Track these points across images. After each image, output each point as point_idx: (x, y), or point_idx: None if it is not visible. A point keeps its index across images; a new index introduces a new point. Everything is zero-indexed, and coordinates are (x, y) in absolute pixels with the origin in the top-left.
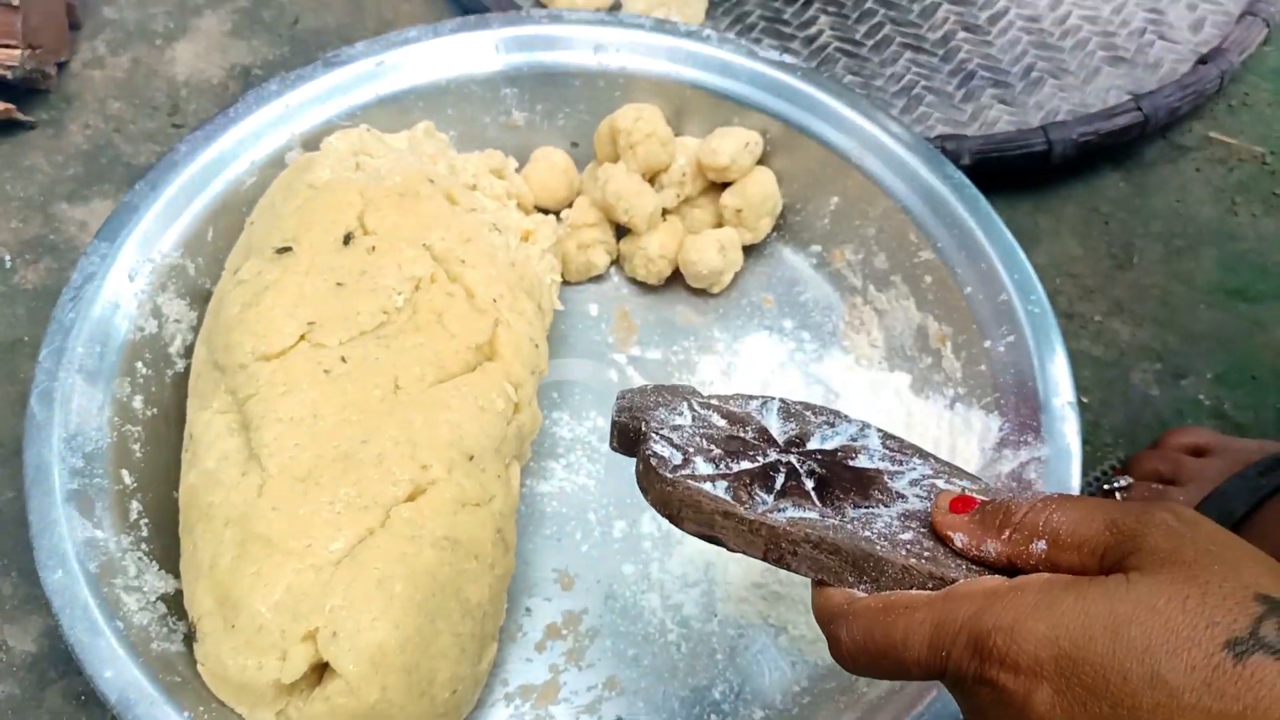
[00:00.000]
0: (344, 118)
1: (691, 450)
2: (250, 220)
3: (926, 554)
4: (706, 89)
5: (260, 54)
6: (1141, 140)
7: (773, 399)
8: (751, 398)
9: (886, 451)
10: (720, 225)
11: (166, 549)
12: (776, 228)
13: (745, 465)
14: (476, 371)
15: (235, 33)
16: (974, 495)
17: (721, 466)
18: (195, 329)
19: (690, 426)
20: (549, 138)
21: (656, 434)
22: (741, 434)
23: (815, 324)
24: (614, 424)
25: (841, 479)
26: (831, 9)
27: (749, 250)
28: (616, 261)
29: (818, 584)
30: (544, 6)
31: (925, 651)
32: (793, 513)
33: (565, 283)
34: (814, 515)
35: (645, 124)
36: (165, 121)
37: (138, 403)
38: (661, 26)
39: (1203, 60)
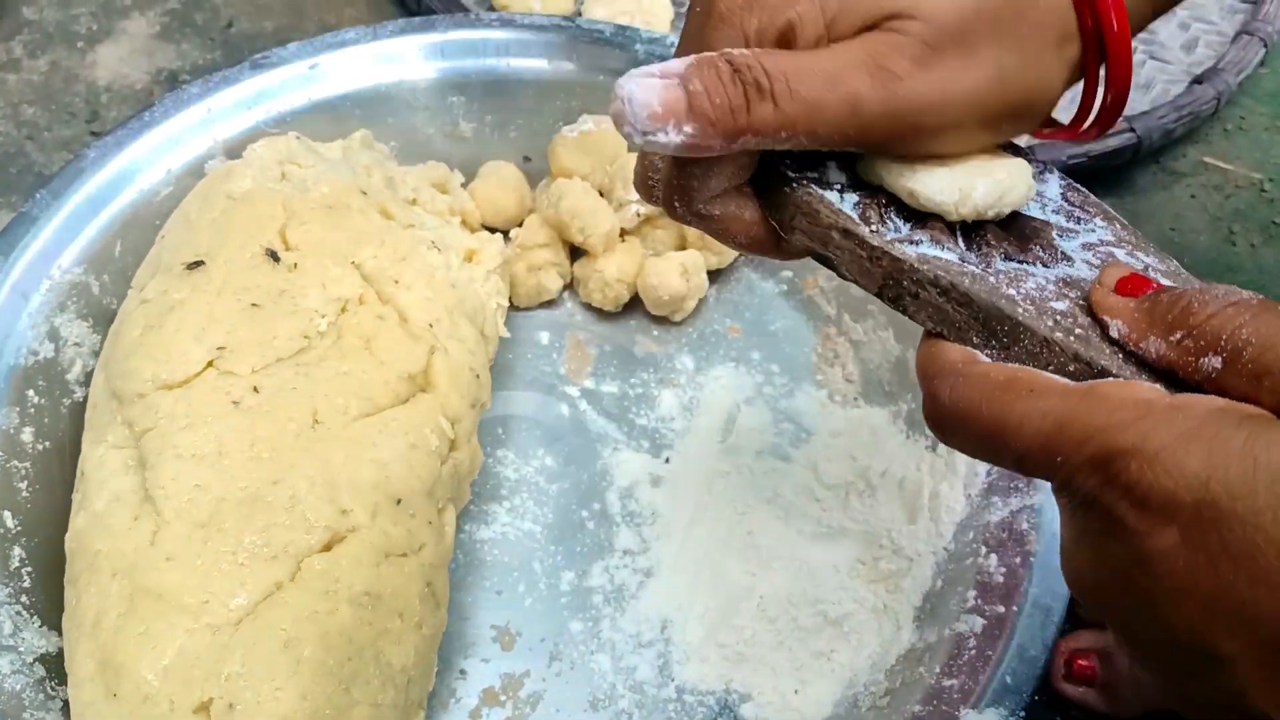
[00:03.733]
0: (272, 124)
1: (827, 151)
2: (162, 234)
3: (1078, 332)
4: None
5: (189, 58)
6: (1134, 165)
7: None
8: None
9: (1065, 205)
10: (683, 247)
11: (51, 601)
12: None
13: None
14: (408, 404)
15: (163, 36)
16: (1151, 278)
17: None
18: (97, 353)
19: None
20: (499, 151)
21: None
22: None
23: (786, 355)
24: None
25: (998, 221)
26: None
27: (714, 275)
28: (570, 285)
29: (933, 335)
30: (495, 10)
31: (1037, 447)
32: (927, 249)
33: (514, 307)
34: (952, 257)
35: None
36: (83, 129)
37: (27, 435)
38: (623, 33)
39: (1197, 80)
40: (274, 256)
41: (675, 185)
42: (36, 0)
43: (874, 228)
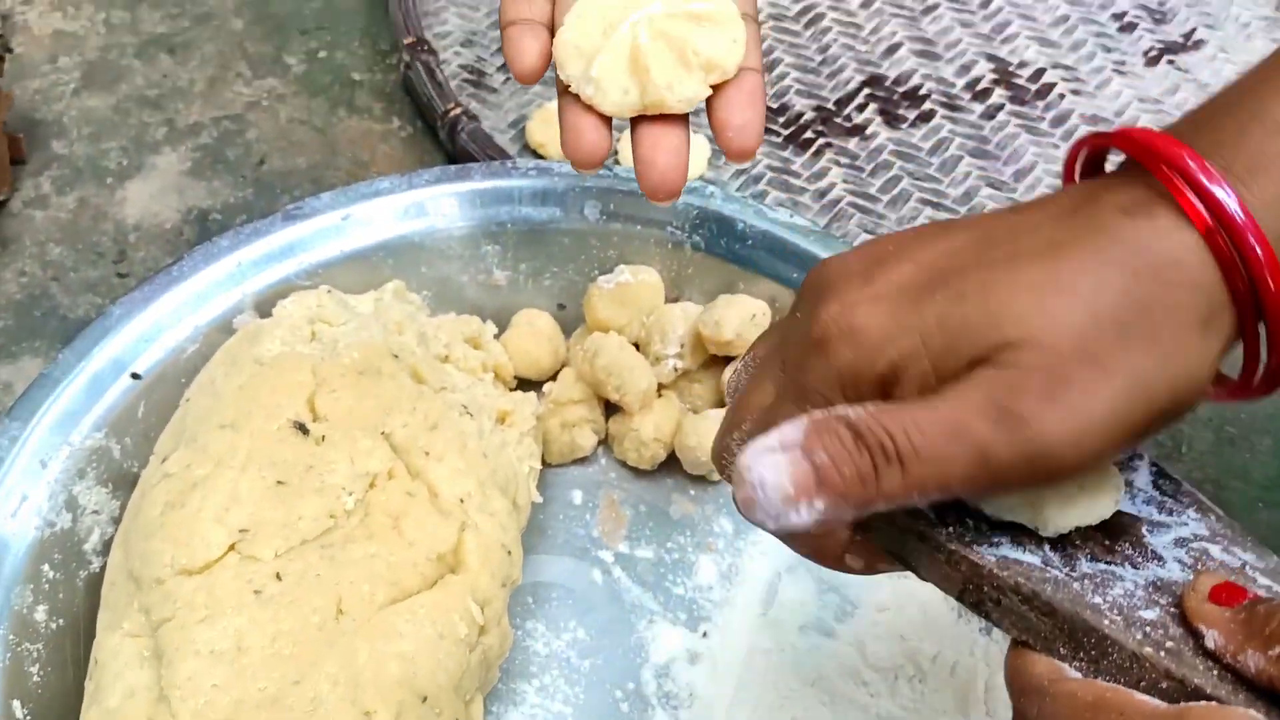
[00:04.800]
0: (304, 276)
1: None
2: (186, 397)
3: (1169, 645)
4: (709, 251)
5: (220, 196)
6: None
7: None
8: None
9: (1156, 495)
10: (723, 404)
11: None
12: None
13: None
14: (436, 588)
15: (194, 172)
16: (1246, 587)
17: None
18: (116, 521)
19: None
20: (533, 298)
21: None
22: None
23: None
24: None
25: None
26: (844, 160)
27: None
28: (604, 442)
29: (1019, 644)
30: (536, 154)
31: None
32: (1008, 551)
33: (545, 464)
34: (1035, 560)
35: None
36: (110, 270)
37: (40, 614)
38: None
39: None
40: (302, 429)
41: None
42: (68, 134)
43: (951, 529)
